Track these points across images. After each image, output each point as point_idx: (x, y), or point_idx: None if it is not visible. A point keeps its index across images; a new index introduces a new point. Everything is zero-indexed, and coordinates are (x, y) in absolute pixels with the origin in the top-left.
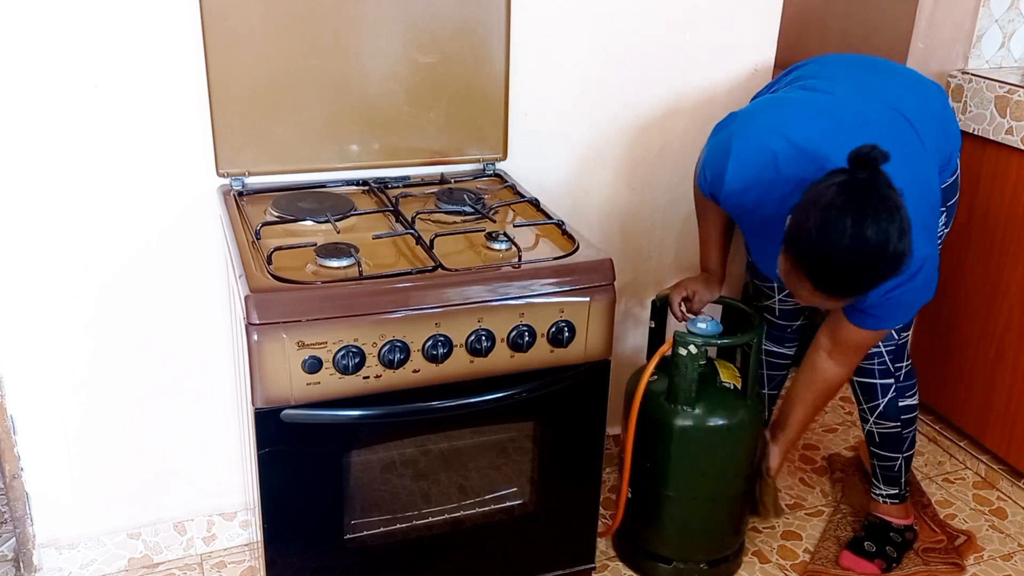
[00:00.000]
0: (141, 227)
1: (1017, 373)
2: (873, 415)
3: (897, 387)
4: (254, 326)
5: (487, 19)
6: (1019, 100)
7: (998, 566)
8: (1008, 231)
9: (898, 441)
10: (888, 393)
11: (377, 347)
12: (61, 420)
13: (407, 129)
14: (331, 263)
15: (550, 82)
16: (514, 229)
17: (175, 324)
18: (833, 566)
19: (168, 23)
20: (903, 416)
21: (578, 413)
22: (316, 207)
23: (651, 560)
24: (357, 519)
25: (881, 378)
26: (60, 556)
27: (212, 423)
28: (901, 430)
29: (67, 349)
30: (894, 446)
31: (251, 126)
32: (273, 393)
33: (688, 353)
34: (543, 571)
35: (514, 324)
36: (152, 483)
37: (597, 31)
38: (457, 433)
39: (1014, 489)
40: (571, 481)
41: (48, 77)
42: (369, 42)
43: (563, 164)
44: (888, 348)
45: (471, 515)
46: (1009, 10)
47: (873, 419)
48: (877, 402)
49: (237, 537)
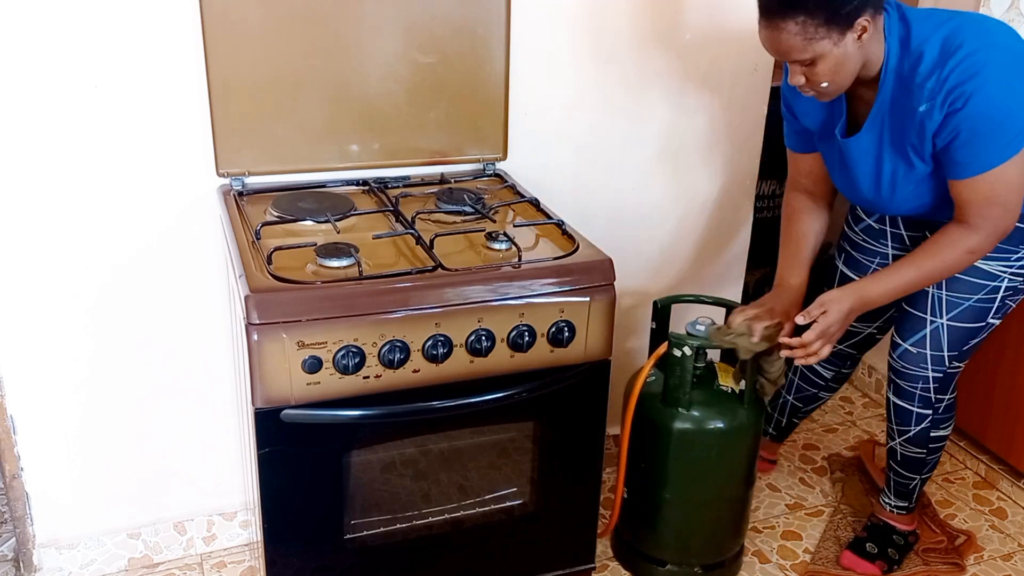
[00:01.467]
0: (141, 227)
1: (1017, 373)
2: (900, 438)
3: (934, 419)
4: (254, 326)
5: (487, 19)
6: None
7: (998, 566)
8: None
9: (920, 464)
10: (922, 423)
11: (377, 347)
12: (61, 420)
13: (407, 129)
14: (331, 263)
15: (550, 82)
16: (514, 229)
17: (175, 324)
18: (834, 566)
19: (168, 23)
20: (931, 445)
21: (578, 413)
22: (316, 207)
23: (646, 562)
24: (357, 519)
25: (920, 406)
26: (60, 556)
27: (212, 423)
28: (926, 456)
29: (67, 349)
30: (915, 468)
31: (251, 126)
32: (273, 393)
33: (683, 354)
34: (543, 571)
35: (514, 324)
36: (152, 483)
37: (597, 31)
38: (457, 433)
39: (1014, 489)
40: (571, 481)
41: (48, 77)
42: (369, 42)
43: (563, 164)
44: (936, 374)
45: (471, 515)
46: (1009, 10)
47: (900, 441)
48: (908, 428)
49: (237, 537)
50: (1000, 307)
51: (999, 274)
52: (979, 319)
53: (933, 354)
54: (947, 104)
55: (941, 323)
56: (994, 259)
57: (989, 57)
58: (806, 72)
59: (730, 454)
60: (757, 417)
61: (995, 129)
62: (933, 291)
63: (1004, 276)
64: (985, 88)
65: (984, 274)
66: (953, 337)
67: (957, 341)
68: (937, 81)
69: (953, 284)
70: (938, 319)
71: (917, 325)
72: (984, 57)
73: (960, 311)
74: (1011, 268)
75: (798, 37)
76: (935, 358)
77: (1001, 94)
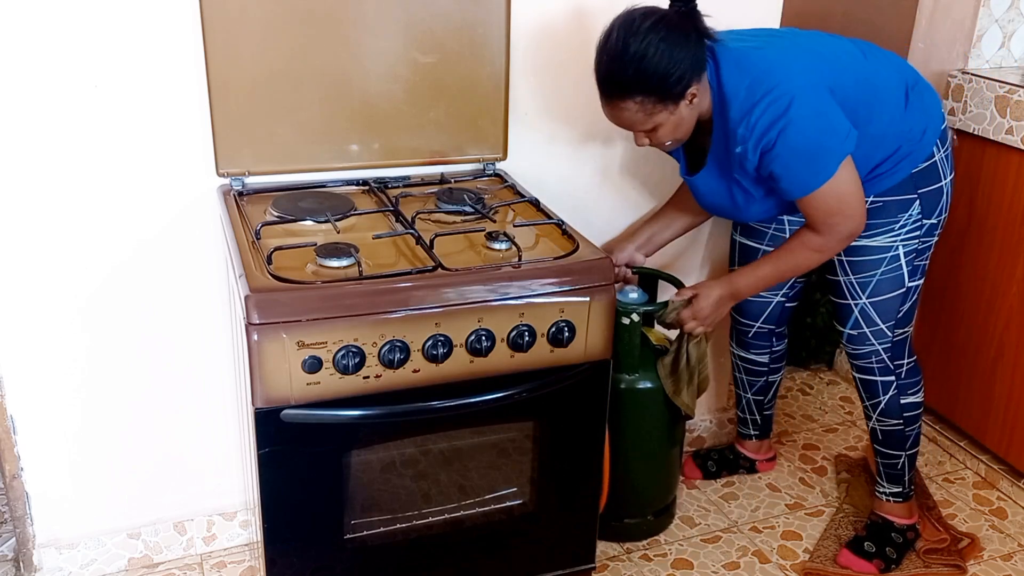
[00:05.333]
0: (141, 227)
1: (1017, 373)
2: (876, 412)
3: (899, 384)
4: (254, 326)
5: (487, 19)
6: (1019, 100)
7: (998, 566)
8: (1008, 231)
9: (901, 439)
10: (889, 390)
11: (377, 347)
12: (61, 420)
13: (407, 129)
14: (331, 263)
15: (550, 82)
16: (514, 229)
17: (175, 324)
18: (831, 564)
19: (168, 23)
20: (905, 414)
21: (578, 413)
22: (316, 207)
23: (609, 520)
24: (357, 519)
25: (881, 375)
26: (60, 556)
27: (212, 423)
28: (904, 427)
29: (67, 349)
30: (897, 444)
31: (251, 126)
32: (273, 393)
33: (631, 322)
34: (543, 571)
35: (514, 324)
36: (152, 483)
37: (597, 31)
38: (457, 433)
39: (1014, 489)
40: (571, 481)
41: (48, 77)
42: (369, 42)
43: (563, 164)
44: (884, 345)
45: (471, 515)
46: (1009, 10)
47: (876, 416)
48: (879, 399)
49: (237, 537)
50: (912, 270)
51: (889, 245)
52: (896, 288)
53: (872, 329)
54: (759, 147)
55: (864, 302)
56: (879, 233)
57: (792, 92)
58: (648, 135)
59: (670, 405)
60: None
61: (809, 159)
62: (843, 278)
63: (895, 245)
64: (791, 126)
65: (876, 249)
66: (881, 310)
67: (888, 312)
68: (747, 127)
69: (855, 266)
70: (859, 299)
71: (845, 311)
72: (786, 93)
73: (873, 287)
74: (899, 236)
75: (639, 114)
76: (875, 332)
77: (807, 127)
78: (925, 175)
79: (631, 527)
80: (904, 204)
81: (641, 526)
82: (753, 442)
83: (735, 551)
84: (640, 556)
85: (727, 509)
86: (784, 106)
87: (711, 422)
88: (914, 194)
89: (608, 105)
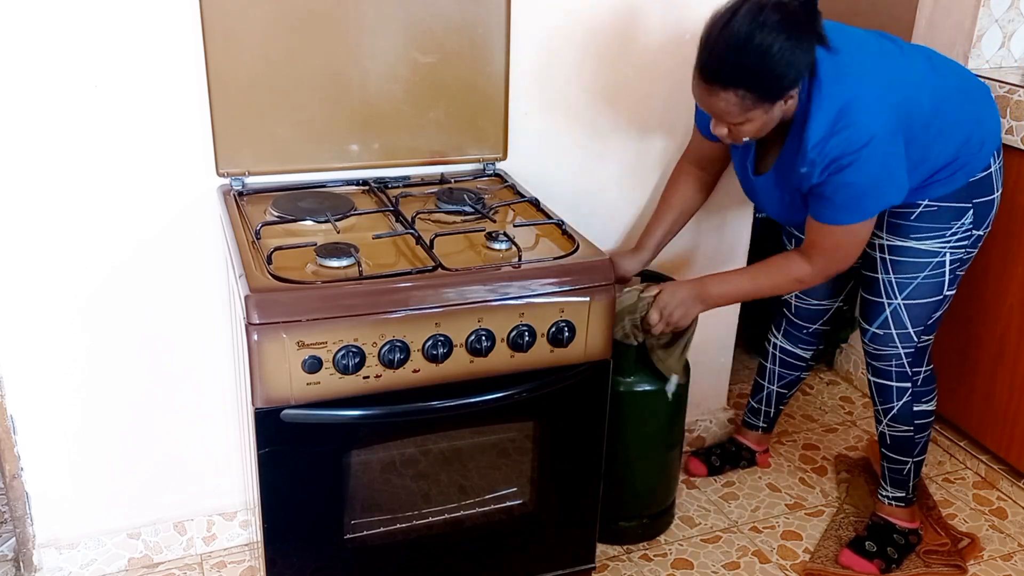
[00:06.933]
0: (141, 227)
1: (1017, 373)
2: (887, 417)
3: (914, 391)
4: (254, 326)
5: (487, 19)
6: (1019, 100)
7: (998, 566)
8: (1008, 231)
9: (909, 446)
10: (904, 397)
11: (377, 347)
12: (61, 420)
13: (407, 129)
14: (331, 263)
15: (550, 82)
16: (514, 229)
17: (175, 324)
18: (832, 564)
19: (168, 23)
20: (917, 421)
21: (578, 413)
22: (316, 207)
23: (606, 522)
24: (357, 519)
25: (898, 381)
26: (60, 556)
27: (212, 423)
28: (914, 435)
29: (67, 349)
30: (905, 450)
31: (251, 126)
32: (273, 393)
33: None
34: (543, 571)
35: (514, 324)
36: (152, 483)
37: (597, 31)
38: (457, 433)
39: (1014, 489)
40: (571, 481)
41: (48, 77)
42: (369, 42)
43: (563, 164)
44: (907, 350)
45: (471, 515)
46: (1009, 10)
47: (886, 421)
48: (892, 405)
49: (237, 537)
50: (952, 279)
51: (938, 251)
52: (934, 294)
53: (899, 332)
54: (827, 171)
55: (898, 303)
56: (930, 238)
57: (873, 132)
58: (731, 127)
59: (667, 407)
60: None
61: (859, 196)
62: (882, 276)
63: (944, 251)
64: (858, 163)
65: (924, 253)
66: (913, 314)
67: (919, 317)
68: (819, 153)
69: (899, 266)
70: (894, 300)
71: (877, 309)
72: (867, 132)
73: (912, 289)
74: (949, 243)
75: (735, 107)
76: (902, 335)
77: (871, 171)
78: (980, 185)
79: (629, 530)
80: (959, 212)
81: (639, 529)
82: (757, 434)
83: (735, 551)
84: (640, 556)
85: (727, 509)
86: (861, 143)
87: (711, 422)
88: (969, 203)
89: (705, 89)
